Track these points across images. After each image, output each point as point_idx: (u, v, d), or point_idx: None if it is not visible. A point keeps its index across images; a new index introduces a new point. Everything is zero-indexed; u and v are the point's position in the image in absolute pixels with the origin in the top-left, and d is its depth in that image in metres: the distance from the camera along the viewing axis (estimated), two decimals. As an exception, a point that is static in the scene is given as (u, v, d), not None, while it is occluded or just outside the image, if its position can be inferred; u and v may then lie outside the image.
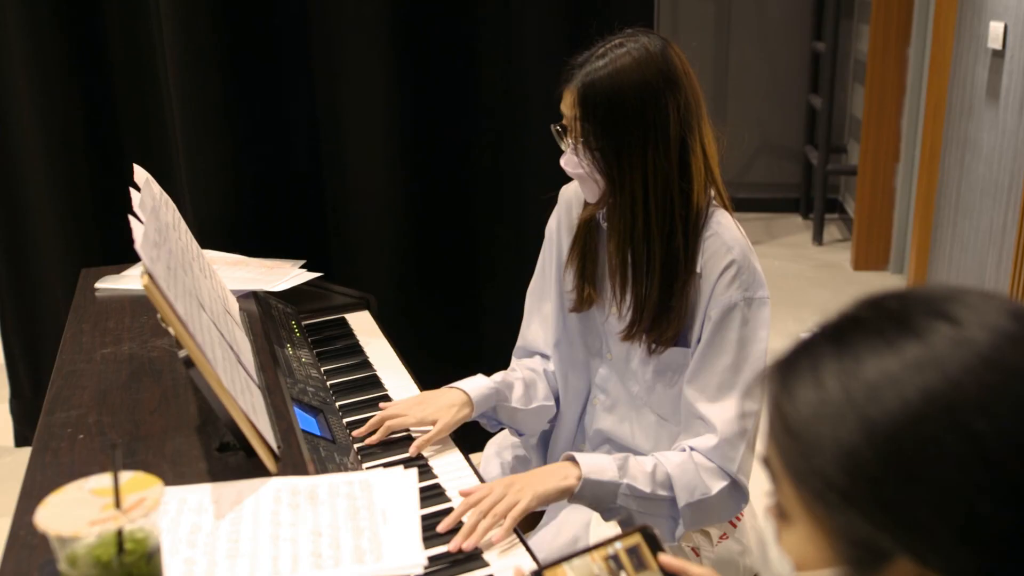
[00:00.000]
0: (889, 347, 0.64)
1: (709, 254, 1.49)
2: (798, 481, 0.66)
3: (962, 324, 0.63)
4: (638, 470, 1.45)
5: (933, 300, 0.66)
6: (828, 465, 0.63)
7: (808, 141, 5.47)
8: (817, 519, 0.66)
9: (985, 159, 3.19)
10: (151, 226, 1.27)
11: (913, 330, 0.64)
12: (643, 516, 1.46)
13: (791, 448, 0.66)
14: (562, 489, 1.40)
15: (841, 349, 0.66)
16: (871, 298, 0.69)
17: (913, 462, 0.61)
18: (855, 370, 0.64)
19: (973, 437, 0.59)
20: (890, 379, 0.62)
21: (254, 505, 1.14)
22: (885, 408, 0.61)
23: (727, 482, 1.47)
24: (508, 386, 1.69)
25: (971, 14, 3.34)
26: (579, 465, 1.42)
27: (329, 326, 2.07)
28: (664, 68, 1.46)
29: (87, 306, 1.90)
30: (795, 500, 0.68)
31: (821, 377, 0.65)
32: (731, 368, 1.47)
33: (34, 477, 1.26)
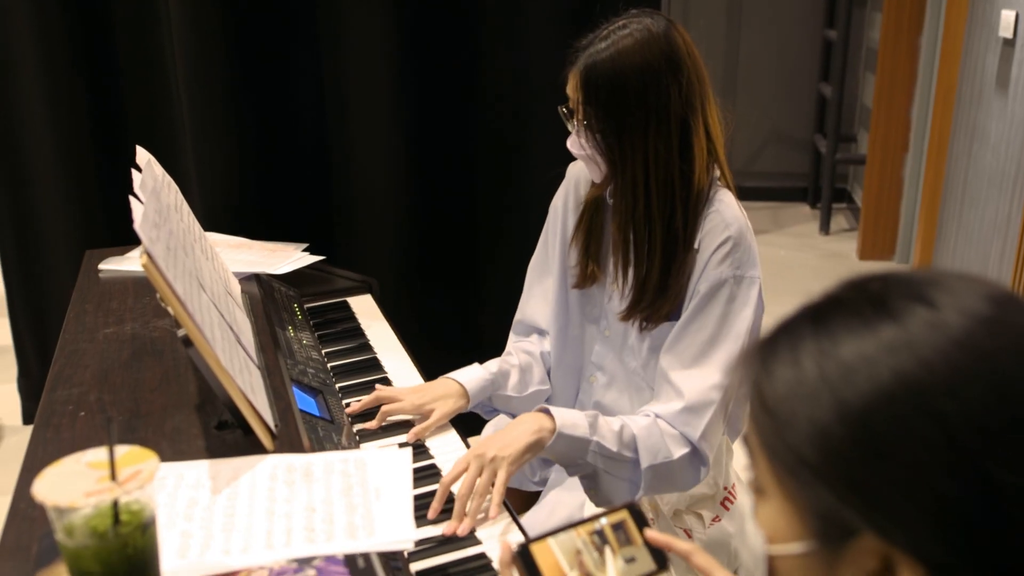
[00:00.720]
0: (866, 328, 0.65)
1: (707, 229, 1.51)
2: (772, 456, 0.68)
3: (938, 307, 0.64)
4: (607, 428, 1.47)
5: (913, 283, 0.67)
6: (800, 441, 0.65)
7: (818, 130, 5.46)
8: (789, 494, 0.68)
9: (993, 148, 3.18)
10: (151, 207, 1.28)
11: (890, 312, 0.65)
12: (607, 476, 1.48)
13: (767, 424, 0.68)
14: (535, 443, 1.41)
15: (819, 329, 0.67)
16: (854, 279, 0.71)
17: (882, 441, 0.62)
18: (831, 350, 0.65)
19: (941, 418, 0.60)
20: (865, 360, 0.63)
21: (250, 481, 1.16)
22: (858, 390, 0.63)
23: (688, 449, 1.49)
24: (504, 375, 1.70)
25: (983, 2, 3.33)
26: (553, 418, 1.44)
27: (331, 309, 2.09)
28: (667, 49, 1.46)
29: (90, 287, 1.91)
30: (769, 475, 0.69)
31: (798, 356, 0.67)
32: (709, 341, 1.49)
33: (35, 452, 1.28)
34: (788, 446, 0.66)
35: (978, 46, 3.36)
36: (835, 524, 0.65)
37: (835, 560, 0.66)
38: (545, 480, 1.79)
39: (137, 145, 1.69)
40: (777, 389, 0.67)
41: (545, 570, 0.89)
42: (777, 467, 0.68)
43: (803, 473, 0.65)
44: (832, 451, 0.63)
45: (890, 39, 4.42)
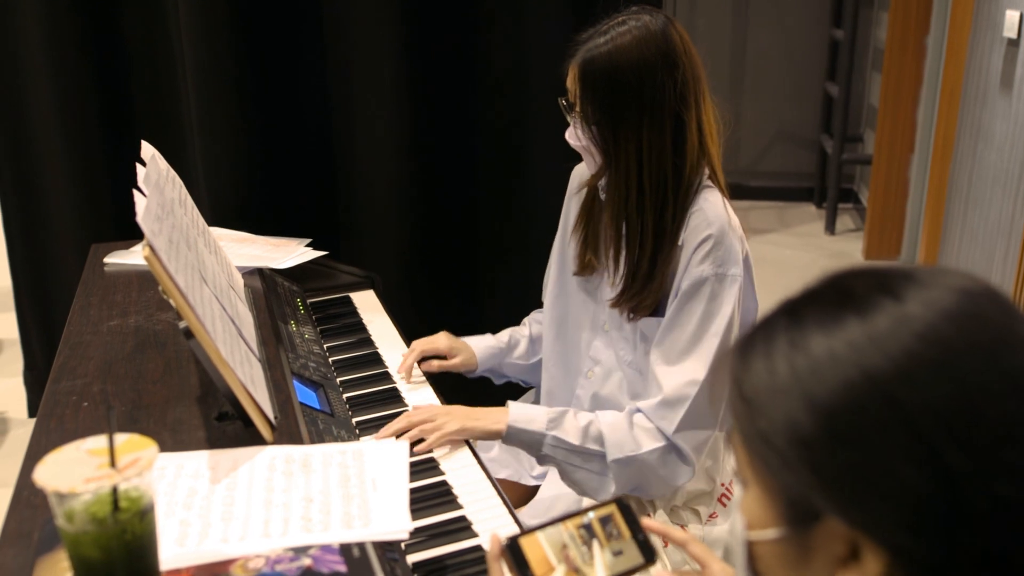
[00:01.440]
0: (834, 322, 0.67)
1: (691, 228, 1.53)
2: (747, 445, 0.71)
3: (903, 300, 0.66)
4: (571, 424, 1.55)
5: (885, 276, 0.69)
6: (771, 431, 0.67)
7: (824, 130, 5.45)
8: (762, 481, 0.70)
9: (997, 148, 3.18)
10: (154, 200, 1.30)
11: (857, 306, 0.67)
12: (572, 467, 1.55)
13: (743, 413, 0.70)
14: (490, 431, 1.56)
15: (791, 323, 0.70)
16: (832, 273, 0.72)
17: (844, 430, 0.64)
18: (801, 344, 0.68)
19: (899, 407, 0.63)
20: (831, 355, 0.66)
21: (249, 471, 1.18)
22: (825, 384, 0.65)
23: (662, 443, 1.52)
24: (513, 344, 1.90)
25: (988, 3, 3.33)
26: None
27: (334, 304, 2.10)
28: (663, 46, 1.49)
29: (96, 280, 1.93)
30: (746, 464, 0.72)
31: (771, 350, 0.69)
32: (691, 338, 1.52)
33: (39, 442, 1.30)
34: (760, 435, 0.68)
35: (983, 46, 3.36)
36: (802, 509, 0.67)
37: (805, 545, 0.69)
38: (543, 475, 1.81)
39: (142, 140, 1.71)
40: (752, 382, 0.70)
41: (533, 563, 0.91)
42: (752, 455, 0.71)
43: (773, 460, 0.68)
44: (798, 440, 0.66)
45: (897, 39, 4.42)
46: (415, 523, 1.23)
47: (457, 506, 1.38)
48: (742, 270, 1.54)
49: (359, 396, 1.70)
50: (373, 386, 1.74)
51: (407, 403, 1.69)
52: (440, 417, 1.53)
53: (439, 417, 1.53)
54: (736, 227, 1.56)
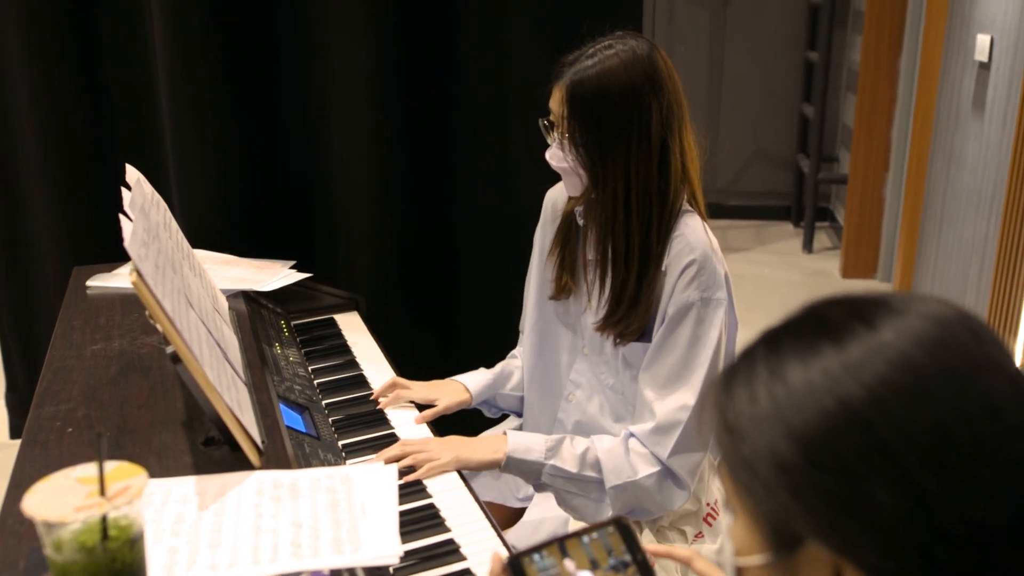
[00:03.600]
0: (811, 352, 0.69)
1: (674, 253, 1.55)
2: (733, 473, 0.72)
3: (877, 329, 0.68)
4: (569, 452, 1.57)
5: (861, 304, 0.71)
6: (753, 458, 0.69)
7: (800, 150, 5.52)
8: (747, 508, 0.72)
9: (970, 170, 3.23)
10: (140, 225, 1.30)
11: (832, 335, 0.69)
12: (570, 495, 1.58)
13: (727, 442, 0.72)
14: (488, 461, 1.56)
15: (771, 353, 0.72)
16: (810, 303, 0.75)
17: (822, 457, 0.66)
18: (780, 374, 0.70)
19: (873, 433, 0.65)
20: (808, 385, 0.68)
21: (237, 497, 1.17)
22: (802, 414, 0.67)
23: (657, 468, 1.54)
24: (506, 376, 1.87)
25: (959, 26, 3.39)
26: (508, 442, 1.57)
27: (318, 326, 2.10)
28: (650, 71, 1.51)
29: (78, 303, 1.93)
30: (733, 492, 0.74)
31: (753, 379, 0.71)
32: (680, 364, 1.54)
33: (23, 469, 1.29)
34: (744, 463, 0.70)
35: (955, 69, 3.42)
36: (785, 535, 0.69)
37: (791, 570, 0.70)
38: (529, 497, 1.81)
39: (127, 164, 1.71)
40: (735, 410, 0.72)
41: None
42: (737, 484, 0.72)
43: (757, 488, 0.70)
44: (779, 467, 0.68)
45: (870, 61, 4.48)
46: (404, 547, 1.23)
47: (445, 529, 1.38)
48: (726, 293, 1.56)
49: (345, 418, 1.70)
50: (359, 408, 1.74)
51: (393, 425, 1.69)
52: (435, 449, 1.53)
53: (434, 449, 1.53)
54: (717, 250, 1.58)
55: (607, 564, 0.95)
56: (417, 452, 1.52)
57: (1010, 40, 2.88)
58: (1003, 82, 2.93)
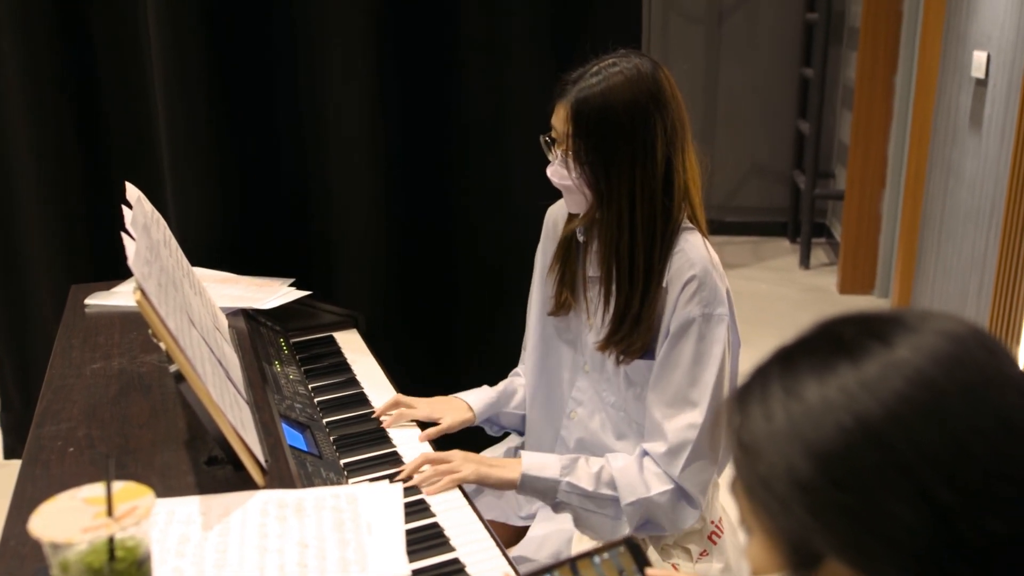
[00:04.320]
0: (827, 369, 0.69)
1: (674, 270, 1.55)
2: (749, 492, 0.72)
3: (893, 346, 0.68)
4: (584, 470, 1.56)
5: (876, 322, 0.71)
6: (771, 477, 0.69)
7: (796, 166, 5.53)
8: (765, 527, 0.72)
9: (968, 185, 3.24)
10: (143, 243, 1.29)
11: (848, 352, 0.69)
12: (587, 512, 1.57)
13: (742, 461, 0.72)
14: (505, 480, 1.56)
15: (785, 371, 0.72)
16: (823, 321, 0.75)
17: (840, 474, 0.66)
18: (796, 391, 0.69)
19: (891, 450, 0.65)
20: (824, 402, 0.68)
21: (241, 517, 1.16)
22: (820, 431, 0.67)
23: (671, 487, 1.54)
24: (509, 394, 1.86)
25: (955, 43, 3.40)
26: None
27: (317, 344, 2.09)
28: (654, 89, 1.51)
29: (77, 322, 1.91)
30: (749, 511, 0.73)
31: (768, 397, 0.71)
32: (686, 382, 1.53)
33: (24, 489, 1.28)
34: (760, 481, 0.70)
35: (951, 86, 3.43)
36: (804, 553, 0.69)
37: None
38: (532, 515, 1.80)
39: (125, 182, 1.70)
40: (750, 429, 0.71)
41: None
42: (753, 501, 0.72)
43: (774, 506, 0.69)
44: (797, 484, 0.67)
45: (866, 77, 4.50)
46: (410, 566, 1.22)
47: (450, 548, 1.37)
48: (728, 309, 1.55)
49: (346, 437, 1.69)
50: (360, 427, 1.73)
51: (395, 444, 1.68)
52: (456, 461, 1.54)
53: (456, 461, 1.54)
54: (717, 265, 1.57)
55: (618, 583, 0.95)
56: (439, 463, 1.52)
57: (1007, 57, 2.89)
58: (1000, 98, 2.94)
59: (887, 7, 4.38)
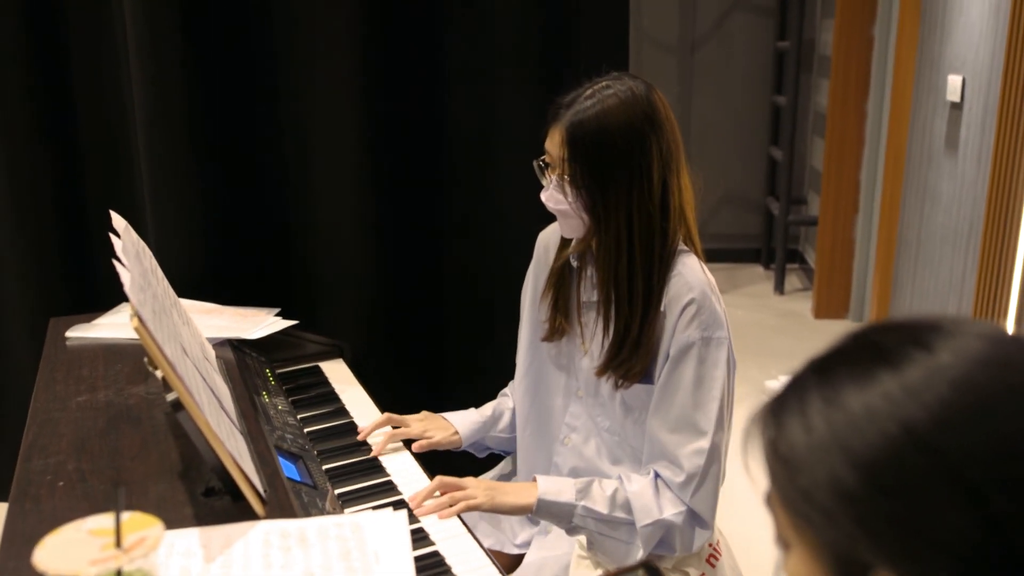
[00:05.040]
0: (867, 377, 0.68)
1: (672, 294, 1.54)
2: (789, 506, 0.70)
3: (935, 351, 0.67)
4: (598, 494, 1.54)
5: (913, 329, 0.70)
6: (813, 489, 0.67)
7: (769, 193, 5.57)
8: (807, 540, 0.70)
9: (944, 208, 3.28)
10: (136, 270, 1.26)
11: (889, 360, 0.68)
12: (602, 537, 1.56)
13: (781, 475, 0.70)
14: (521, 506, 1.54)
15: (823, 381, 0.70)
16: (857, 330, 0.74)
17: (888, 483, 0.64)
18: (836, 402, 0.68)
19: (940, 456, 0.63)
20: (868, 410, 0.66)
21: (244, 548, 1.13)
22: (864, 439, 0.65)
23: (683, 508, 1.53)
24: (496, 418, 1.86)
25: (929, 68, 3.45)
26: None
27: (303, 375, 2.06)
28: (648, 111, 1.51)
29: (58, 355, 1.87)
30: (788, 525, 0.71)
31: (806, 409, 0.69)
32: (689, 407, 1.52)
33: (15, 525, 1.24)
34: (802, 494, 0.68)
35: (926, 110, 3.48)
36: (851, 565, 0.67)
37: None
38: (527, 542, 1.78)
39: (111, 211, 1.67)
40: (788, 441, 0.70)
41: None
42: (793, 515, 0.70)
43: (816, 518, 0.68)
44: (841, 495, 0.66)
45: (838, 105, 4.55)
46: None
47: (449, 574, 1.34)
48: (727, 332, 1.55)
49: (338, 467, 1.66)
50: (352, 456, 1.70)
51: (388, 472, 1.65)
52: (471, 488, 1.53)
53: (471, 487, 1.53)
54: (715, 288, 1.57)
55: (639, 607, 0.93)
56: (454, 488, 1.52)
57: (982, 80, 2.94)
58: (976, 121, 2.98)
59: (858, 35, 4.44)
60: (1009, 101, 2.73)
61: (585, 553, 1.64)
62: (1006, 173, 2.72)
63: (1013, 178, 2.69)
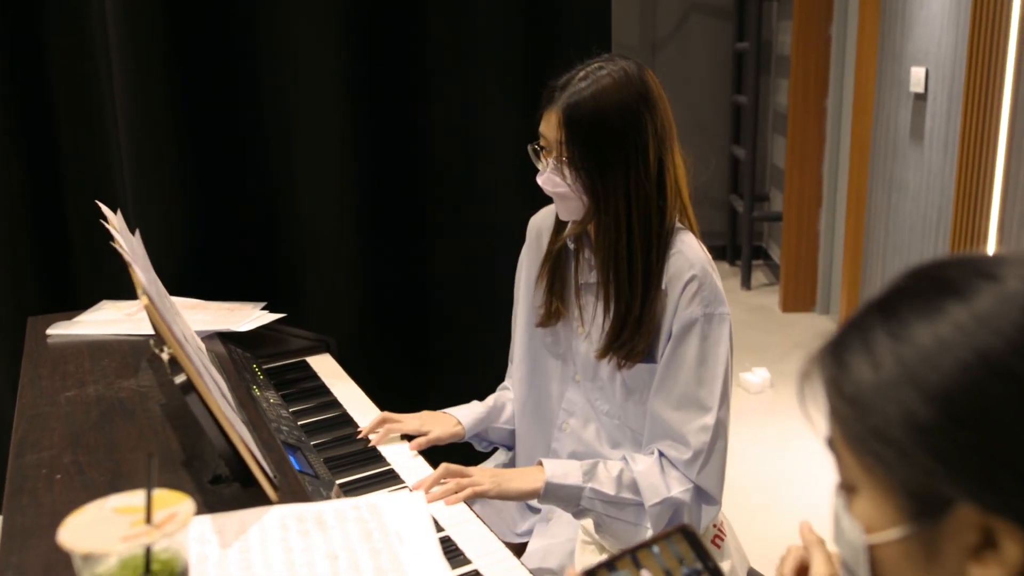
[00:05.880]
0: (935, 310, 0.67)
1: (673, 271, 1.53)
2: (858, 447, 0.69)
3: (1002, 279, 0.67)
4: (604, 475, 1.53)
5: (972, 261, 0.70)
6: (885, 426, 0.66)
7: (732, 190, 5.62)
8: (878, 481, 0.68)
9: (912, 197, 3.32)
10: (139, 251, 1.23)
11: (956, 291, 0.67)
12: (609, 519, 1.54)
13: (849, 416, 0.69)
14: (528, 491, 1.52)
15: (888, 318, 0.69)
16: (912, 269, 0.73)
17: (968, 413, 0.64)
18: (904, 336, 0.67)
19: (1018, 380, 0.63)
20: (940, 341, 0.65)
21: (260, 533, 1.10)
22: (940, 371, 0.65)
23: (690, 487, 1.52)
24: (499, 409, 1.82)
25: (891, 61, 3.50)
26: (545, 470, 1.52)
27: (290, 369, 2.02)
28: (642, 90, 1.51)
29: (41, 352, 1.82)
30: (857, 468, 0.70)
31: (872, 347, 0.68)
32: (693, 384, 1.52)
33: (14, 519, 1.19)
34: (872, 432, 0.67)
35: (890, 102, 3.53)
36: (929, 501, 0.66)
37: (934, 539, 0.67)
38: (529, 531, 1.76)
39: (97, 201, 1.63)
40: (856, 382, 0.68)
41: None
42: (863, 456, 0.69)
43: (889, 456, 0.66)
44: (917, 429, 0.65)
45: (799, 103, 4.61)
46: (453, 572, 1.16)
47: (466, 561, 1.32)
48: (728, 308, 1.55)
49: (337, 457, 1.63)
50: (349, 447, 1.67)
51: (389, 461, 1.62)
52: (477, 476, 1.50)
53: (476, 475, 1.50)
54: (713, 265, 1.57)
55: (681, 573, 0.91)
56: (459, 476, 1.49)
57: (946, 71, 2.98)
58: (941, 111, 3.03)
59: (816, 34, 4.50)
60: (973, 90, 2.78)
61: (590, 538, 1.62)
62: (973, 159, 2.77)
63: (980, 163, 2.74)
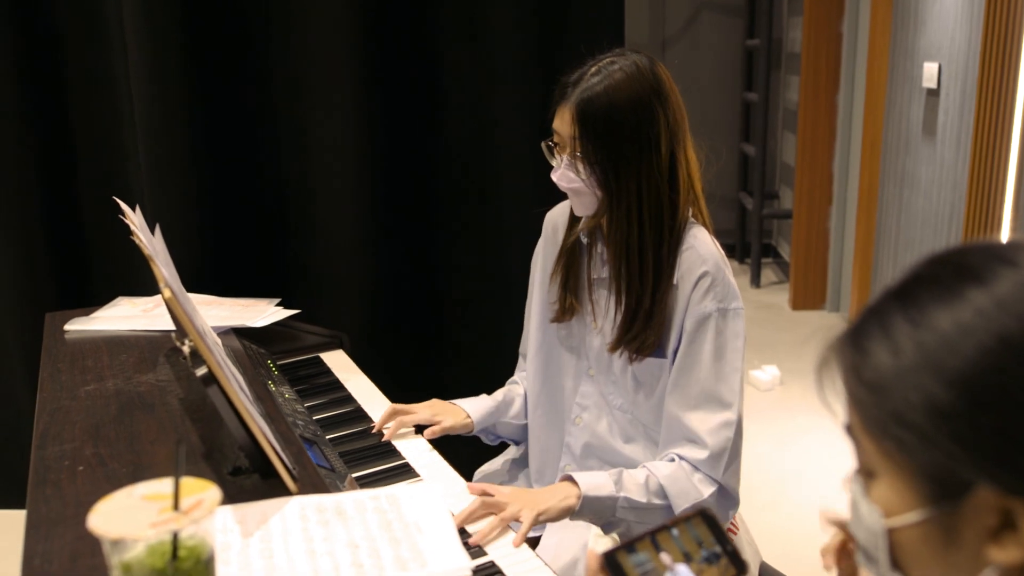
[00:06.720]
0: (954, 296, 0.68)
1: (685, 267, 1.54)
2: (877, 431, 0.70)
3: (1021, 265, 0.67)
4: (632, 483, 1.50)
5: (990, 248, 0.70)
6: (905, 409, 0.67)
7: (742, 188, 5.62)
8: (898, 465, 0.69)
9: (924, 193, 3.32)
10: (159, 246, 1.24)
11: (976, 277, 0.68)
12: (640, 527, 1.50)
13: (869, 402, 0.69)
14: (563, 509, 1.45)
15: (907, 304, 0.70)
16: (930, 256, 0.73)
17: (988, 397, 0.64)
18: (923, 322, 0.68)
19: None
20: (960, 326, 0.66)
21: (280, 523, 1.11)
22: (960, 355, 0.65)
23: (715, 487, 1.52)
24: (508, 404, 1.81)
25: (904, 57, 3.50)
26: (578, 484, 1.47)
27: (304, 365, 2.04)
28: (654, 83, 1.51)
29: (58, 348, 1.84)
30: (876, 453, 0.71)
31: (891, 333, 0.69)
32: (711, 379, 1.51)
33: (38, 510, 1.21)
34: (893, 417, 0.68)
35: (902, 98, 3.53)
36: (948, 484, 0.67)
37: (953, 522, 0.67)
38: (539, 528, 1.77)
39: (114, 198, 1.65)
40: (874, 366, 0.69)
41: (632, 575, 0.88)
42: (883, 441, 0.70)
43: (910, 440, 0.67)
44: (937, 413, 0.65)
45: (809, 100, 4.60)
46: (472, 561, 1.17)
47: (482, 553, 1.33)
48: (741, 302, 1.55)
49: (352, 452, 1.64)
50: (364, 441, 1.68)
51: (403, 455, 1.63)
52: (512, 507, 1.41)
53: (513, 505, 1.41)
54: (726, 260, 1.57)
55: (700, 556, 0.92)
56: (494, 508, 1.40)
57: (959, 66, 2.98)
58: (954, 106, 3.02)
59: (827, 31, 4.50)
60: (987, 85, 2.78)
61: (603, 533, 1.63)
62: (986, 155, 2.77)
63: (993, 159, 2.74)
